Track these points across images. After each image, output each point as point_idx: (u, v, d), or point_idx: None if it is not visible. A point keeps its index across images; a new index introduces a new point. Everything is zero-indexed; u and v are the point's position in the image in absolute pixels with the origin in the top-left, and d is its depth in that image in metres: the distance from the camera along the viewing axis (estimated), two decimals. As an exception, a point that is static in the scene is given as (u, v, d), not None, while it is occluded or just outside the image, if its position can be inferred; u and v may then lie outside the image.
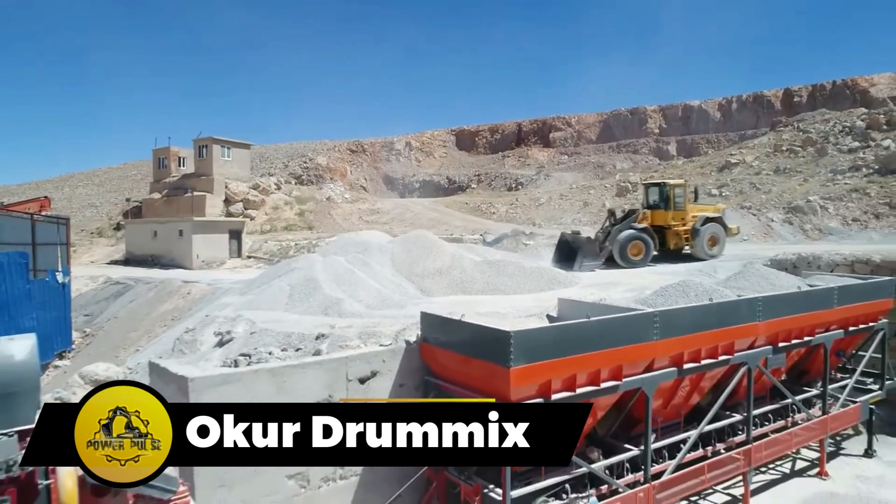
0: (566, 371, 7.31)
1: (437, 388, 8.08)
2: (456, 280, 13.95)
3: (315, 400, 7.42)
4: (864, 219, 26.31)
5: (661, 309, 8.64)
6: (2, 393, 4.92)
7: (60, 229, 18.73)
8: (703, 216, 20.07)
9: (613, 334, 7.75)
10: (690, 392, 9.38)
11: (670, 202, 20.10)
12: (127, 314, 18.65)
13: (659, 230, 19.91)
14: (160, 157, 42.88)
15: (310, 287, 11.53)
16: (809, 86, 65.56)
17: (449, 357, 7.88)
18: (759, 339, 9.76)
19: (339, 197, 45.94)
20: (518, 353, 6.75)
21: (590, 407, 7.61)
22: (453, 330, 7.79)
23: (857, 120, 38.41)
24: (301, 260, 14.42)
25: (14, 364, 5.02)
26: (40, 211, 32.96)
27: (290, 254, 29.88)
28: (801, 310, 10.23)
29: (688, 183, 22.43)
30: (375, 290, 12.13)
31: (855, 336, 11.95)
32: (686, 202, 20.47)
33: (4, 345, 5.18)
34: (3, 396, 4.94)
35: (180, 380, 6.77)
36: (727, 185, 34.96)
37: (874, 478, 11.23)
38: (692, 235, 19.84)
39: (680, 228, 19.96)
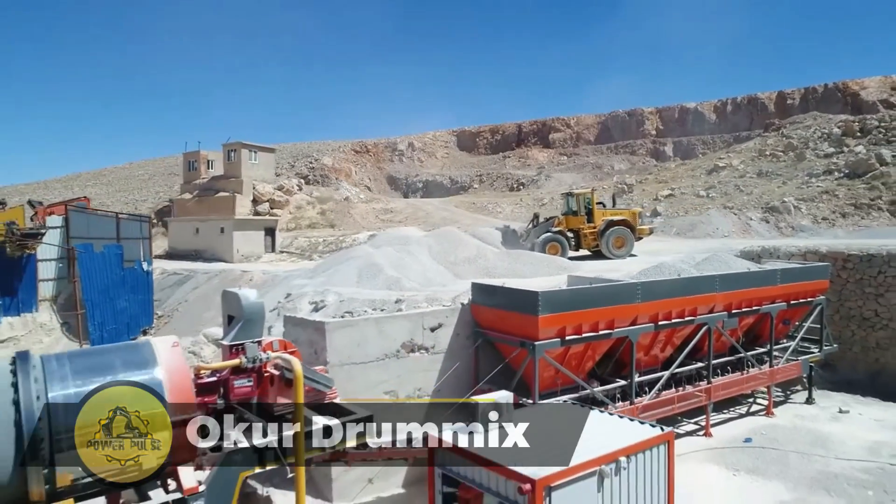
0: (576, 321, 10.66)
1: (484, 336, 11.44)
2: (482, 267, 17.29)
3: (403, 340, 10.78)
4: (832, 217, 29.66)
5: (642, 280, 12.01)
6: (248, 319, 8.28)
7: (143, 226, 21.98)
8: (607, 220, 22.76)
9: (608, 297, 11.12)
10: (665, 345, 12.73)
11: (580, 209, 23.18)
12: (197, 297, 21.94)
13: (576, 233, 22.90)
14: (190, 160, 46.08)
15: (374, 270, 14.86)
16: (802, 88, 67.97)
17: (492, 313, 11.24)
18: (717, 306, 13.10)
19: (354, 197, 49.28)
20: (544, 306, 10.09)
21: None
22: (496, 293, 11.16)
23: (835, 127, 41.77)
24: (357, 250, 17.78)
25: (251, 302, 8.37)
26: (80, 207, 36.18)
27: (319, 249, 33.16)
28: (749, 285, 13.61)
29: (594, 191, 25.64)
30: (422, 273, 15.47)
31: (797, 308, 15.30)
32: (594, 208, 23.23)
33: (244, 291, 8.56)
34: (248, 321, 8.30)
35: (318, 324, 10.11)
36: (714, 187, 38.26)
37: (808, 416, 14.58)
38: (599, 237, 22.68)
39: (588, 231, 22.80)
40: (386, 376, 10.56)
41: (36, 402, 6.30)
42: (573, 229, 22.98)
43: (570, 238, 22.61)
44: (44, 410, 6.31)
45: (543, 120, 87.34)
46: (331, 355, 9.97)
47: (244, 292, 8.45)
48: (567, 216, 23.54)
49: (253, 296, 8.48)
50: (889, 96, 60.21)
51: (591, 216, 23.05)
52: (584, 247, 22.93)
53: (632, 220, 23.12)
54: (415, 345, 10.97)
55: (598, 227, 22.74)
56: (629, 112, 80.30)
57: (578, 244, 22.93)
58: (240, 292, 8.46)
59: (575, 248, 22.77)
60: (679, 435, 13.25)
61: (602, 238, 22.45)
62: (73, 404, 6.52)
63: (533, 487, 5.48)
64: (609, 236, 22.39)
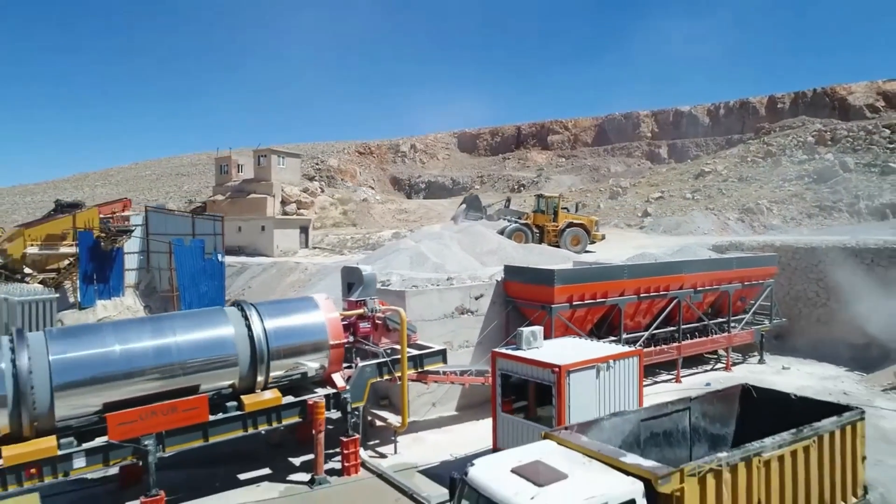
0: (580, 291, 14.94)
1: (513, 303, 15.70)
2: (502, 257, 21.52)
3: (456, 305, 15.04)
4: (799, 218, 34.00)
5: (628, 263, 16.30)
6: (366, 283, 12.56)
7: (216, 224, 26.22)
8: (567, 222, 27.64)
9: (603, 274, 15.43)
10: (645, 313, 17.00)
11: (548, 210, 27.98)
12: (259, 285, 26.12)
13: (541, 229, 27.48)
14: (221, 163, 50.23)
15: (422, 258, 19.12)
16: (792, 93, 69.54)
17: (519, 286, 15.52)
18: (685, 284, 17.38)
19: (371, 199, 53.53)
20: (558, 279, 14.38)
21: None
22: (523, 272, 15.47)
23: (809, 136, 46.15)
24: (404, 243, 22.07)
25: (369, 273, 12.69)
26: (123, 210, 40.38)
27: (348, 245, 37.33)
28: (710, 269, 17.90)
29: (562, 197, 30.76)
30: (457, 261, 19.73)
31: (750, 289, 19.59)
32: (560, 211, 28.07)
33: (363, 265, 12.86)
34: (367, 285, 12.57)
35: (401, 292, 14.36)
36: (699, 191, 42.60)
37: (758, 371, 18.88)
38: (559, 235, 27.34)
39: (551, 228, 27.46)
40: (444, 330, 14.81)
41: (261, 328, 10.56)
42: (539, 225, 27.72)
43: (535, 232, 27.30)
44: (263, 334, 10.57)
45: (542, 122, 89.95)
46: (408, 314, 14.20)
47: (363, 266, 12.77)
48: (536, 213, 28.37)
49: (369, 269, 12.79)
50: (875, 101, 62.10)
51: (556, 217, 27.92)
52: (546, 241, 27.39)
53: (589, 225, 28.33)
54: (464, 308, 15.24)
55: (561, 226, 27.50)
56: (625, 115, 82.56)
57: (542, 238, 27.49)
58: (360, 266, 12.79)
59: (538, 242, 27.20)
60: (656, 381, 17.56)
61: (562, 236, 27.17)
62: (278, 329, 10.77)
63: (559, 371, 9.65)
64: (567, 235, 27.20)
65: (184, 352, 9.85)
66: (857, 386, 17.31)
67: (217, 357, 10.12)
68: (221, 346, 10.15)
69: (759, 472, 6.81)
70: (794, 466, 7.21)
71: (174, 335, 9.94)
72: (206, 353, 10.04)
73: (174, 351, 9.74)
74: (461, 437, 13.39)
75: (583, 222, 28.17)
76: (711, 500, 6.39)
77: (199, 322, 10.37)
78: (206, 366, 10.01)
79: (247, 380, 10.41)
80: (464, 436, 13.49)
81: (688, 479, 6.21)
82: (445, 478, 8.17)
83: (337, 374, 11.44)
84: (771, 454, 6.93)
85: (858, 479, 8.09)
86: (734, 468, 6.60)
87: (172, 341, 9.80)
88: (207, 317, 10.56)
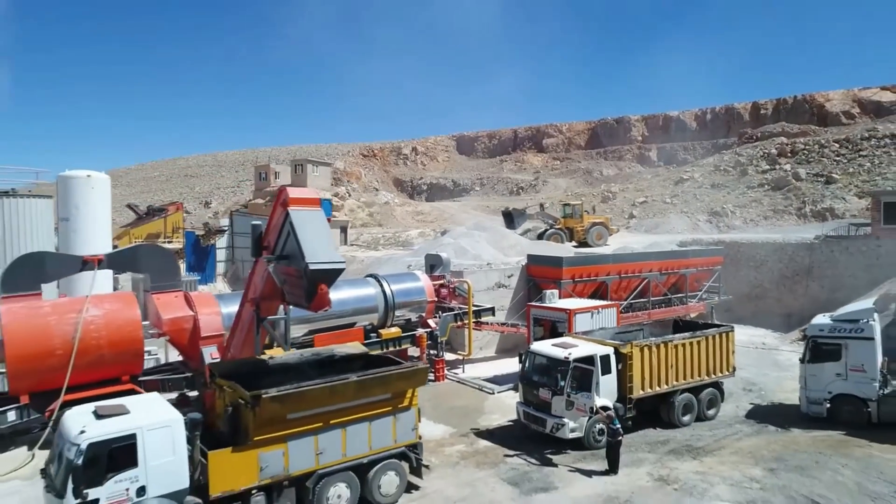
0: (580, 271, 22.09)
1: (533, 280, 22.78)
2: (518, 250, 28.60)
3: (495, 281, 22.09)
4: (757, 220, 41.21)
5: (613, 253, 23.46)
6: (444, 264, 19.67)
7: (290, 225, 33.20)
8: (591, 222, 34.79)
9: (595, 260, 22.64)
10: (625, 288, 24.07)
11: (574, 214, 35.17)
12: (324, 273, 33.03)
13: (570, 230, 34.55)
14: (260, 171, 57.09)
15: (462, 250, 26.14)
16: (774, 100, 72.15)
17: (538, 268, 22.68)
18: (654, 269, 24.46)
19: (391, 202, 60.49)
20: (565, 263, 21.50)
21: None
22: (541, 259, 22.60)
23: (773, 148, 53.40)
24: (444, 239, 29.11)
25: (446, 258, 19.83)
26: (177, 211, 47.13)
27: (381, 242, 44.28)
28: (671, 258, 25.04)
29: (583, 203, 38.53)
30: (489, 252, 26.79)
31: (703, 273, 26.69)
32: (583, 213, 35.44)
33: (442, 253, 19.94)
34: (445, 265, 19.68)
35: (459, 272, 21.36)
36: (678, 196, 49.77)
37: (707, 332, 26.01)
38: (586, 233, 34.27)
39: (579, 229, 34.51)
40: (487, 298, 21.83)
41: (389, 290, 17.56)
42: (569, 228, 34.91)
43: (566, 233, 34.43)
44: (391, 293, 17.58)
45: (537, 126, 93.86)
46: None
47: (442, 254, 19.79)
48: (566, 218, 35.61)
49: (445, 255, 19.81)
50: (851, 108, 64.55)
51: (581, 218, 35.05)
52: (576, 239, 34.48)
53: (606, 223, 35.80)
54: (500, 283, 22.31)
55: (585, 226, 34.58)
56: (617, 119, 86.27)
57: (572, 237, 34.60)
58: (440, 254, 19.80)
59: (570, 240, 34.34)
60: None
61: (588, 233, 34.21)
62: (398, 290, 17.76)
63: (570, 312, 16.70)
64: (593, 232, 34.25)
65: (348, 303, 16.79)
66: (774, 340, 24.56)
67: (366, 307, 17.09)
68: (371, 300, 17.14)
69: (671, 350, 13.91)
70: (692, 350, 14.31)
71: (341, 293, 16.87)
72: (361, 303, 17.00)
73: (346, 301, 16.71)
74: (500, 366, 20.44)
75: (603, 221, 35.63)
76: (647, 359, 13.47)
77: (355, 286, 17.35)
78: (359, 311, 16.97)
79: (381, 320, 17.40)
80: (501, 366, 20.53)
81: (634, 348, 13.29)
82: (496, 383, 15.16)
83: (431, 320, 18.46)
84: (678, 342, 14.03)
85: (730, 363, 15.21)
86: (658, 346, 13.71)
87: (346, 295, 16.77)
88: (361, 283, 17.54)
